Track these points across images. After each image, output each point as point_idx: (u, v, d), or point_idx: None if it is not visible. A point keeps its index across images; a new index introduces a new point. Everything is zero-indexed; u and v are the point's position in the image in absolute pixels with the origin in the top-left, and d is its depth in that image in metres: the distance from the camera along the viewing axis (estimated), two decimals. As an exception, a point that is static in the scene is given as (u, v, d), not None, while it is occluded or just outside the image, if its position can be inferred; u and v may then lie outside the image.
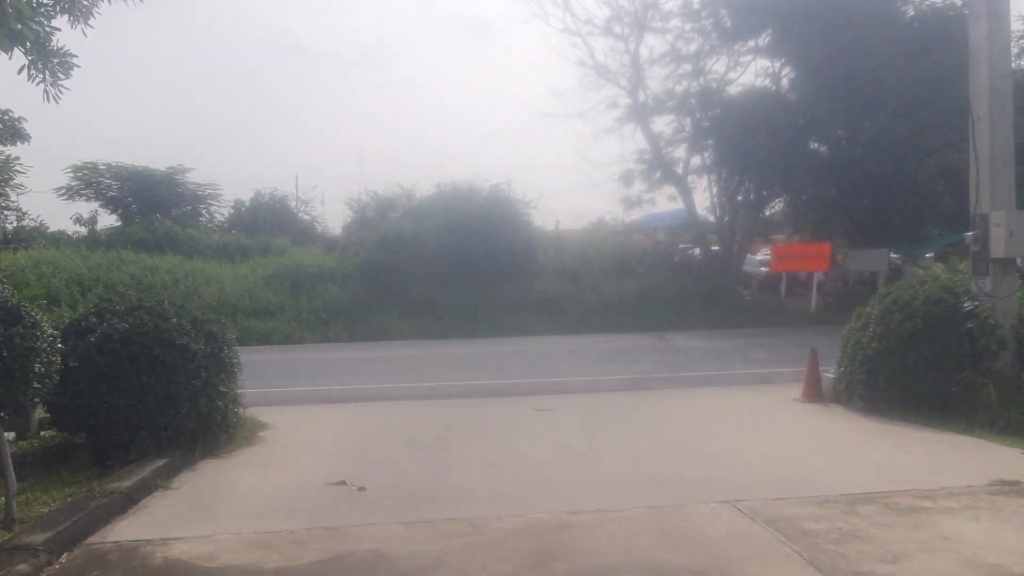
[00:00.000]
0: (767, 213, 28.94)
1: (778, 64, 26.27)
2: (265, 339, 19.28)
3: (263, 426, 8.59)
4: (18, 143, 28.53)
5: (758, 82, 27.88)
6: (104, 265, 22.14)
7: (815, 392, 9.37)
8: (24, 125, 28.70)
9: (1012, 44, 28.28)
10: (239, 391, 8.10)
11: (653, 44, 27.67)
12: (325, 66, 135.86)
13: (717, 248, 28.08)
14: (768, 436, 7.85)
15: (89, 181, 28.98)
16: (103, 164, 29.14)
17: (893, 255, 26.18)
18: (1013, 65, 27.59)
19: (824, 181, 24.46)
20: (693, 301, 23.48)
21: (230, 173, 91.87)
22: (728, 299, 24.24)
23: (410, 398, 11.26)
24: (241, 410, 8.33)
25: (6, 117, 28.44)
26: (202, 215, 31.11)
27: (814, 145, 26.87)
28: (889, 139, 23.14)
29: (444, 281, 22.59)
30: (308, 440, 8.11)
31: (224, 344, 7.64)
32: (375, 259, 22.62)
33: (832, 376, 9.29)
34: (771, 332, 20.35)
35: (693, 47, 27.20)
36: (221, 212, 31.24)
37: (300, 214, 32.08)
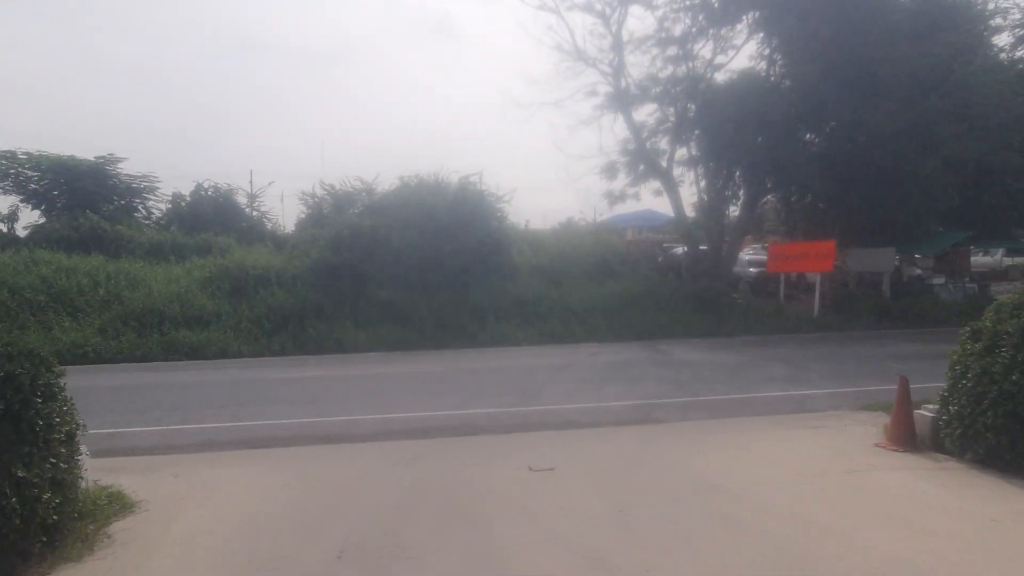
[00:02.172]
0: (758, 210, 26.81)
1: (769, 49, 24.18)
2: (196, 352, 16.46)
3: (128, 507, 5.85)
4: None
5: (748, 68, 25.87)
6: (11, 266, 19.04)
7: (906, 436, 6.97)
8: None
9: (1009, 33, 26.94)
10: (81, 460, 5.32)
11: (635, 28, 25.65)
12: (285, 63, 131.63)
13: (705, 247, 25.87)
14: (891, 525, 5.23)
15: (7, 172, 25.65)
16: (23, 153, 25.83)
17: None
18: (1015, 55, 26.35)
19: (820, 175, 22.36)
20: (683, 305, 21.23)
21: (181, 171, 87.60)
22: (720, 303, 22.04)
23: (359, 438, 8.70)
24: (87, 483, 5.66)
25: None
26: (137, 210, 27.94)
27: (809, 136, 24.89)
28: (890, 129, 21.17)
29: (407, 284, 19.97)
30: (185, 539, 5.25)
31: (37, 397, 4.86)
32: (329, 259, 19.88)
33: (930, 415, 6.91)
34: (776, 341, 18.17)
35: (679, 29, 25.00)
36: (159, 207, 28.13)
37: (248, 210, 29.05)
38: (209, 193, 27.45)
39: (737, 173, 26.38)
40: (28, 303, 17.74)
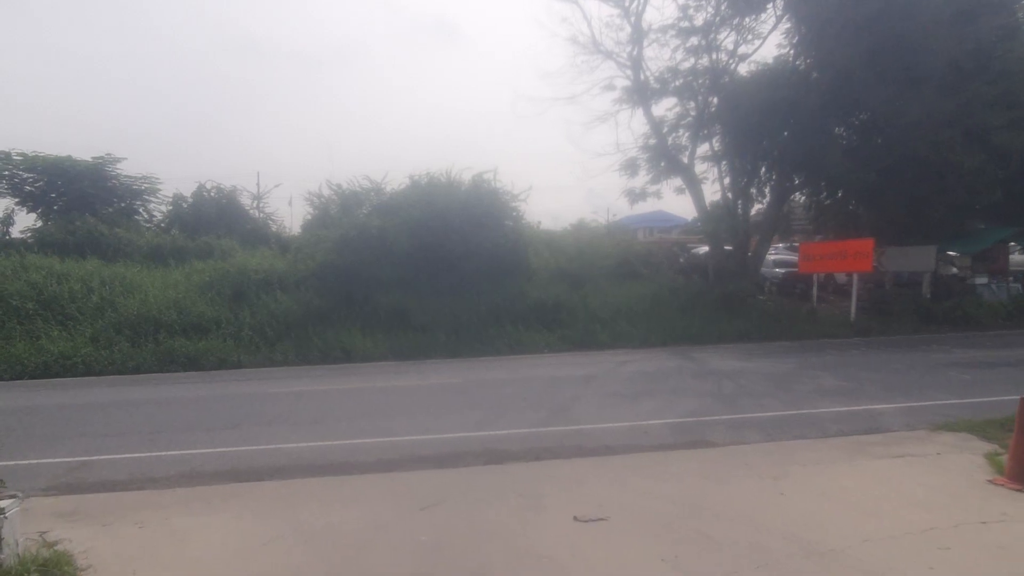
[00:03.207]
0: (786, 207, 25.47)
1: (799, 35, 22.82)
2: (193, 363, 15.33)
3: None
4: None
5: (774, 58, 24.59)
6: (0, 272, 17.97)
7: (1031, 471, 5.72)
8: None
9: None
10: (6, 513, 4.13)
11: (653, 19, 24.44)
12: (292, 68, 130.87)
13: (729, 247, 24.55)
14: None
15: (0, 174, 24.62)
16: (18, 154, 24.80)
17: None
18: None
19: (855, 169, 21.02)
20: (710, 308, 19.96)
21: (188, 175, 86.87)
22: (749, 305, 20.77)
23: (366, 467, 7.50)
24: (16, 544, 4.47)
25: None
26: (138, 213, 26.87)
27: (841, 128, 23.56)
28: (930, 119, 19.87)
29: (418, 288, 18.79)
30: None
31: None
32: (335, 262, 18.72)
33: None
34: (815, 347, 16.89)
35: (701, 18, 23.73)
36: (161, 209, 27.02)
37: (253, 211, 27.92)
38: (212, 194, 26.32)
39: (763, 169, 25.13)
40: (15, 311, 16.65)
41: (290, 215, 75.21)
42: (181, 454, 8.18)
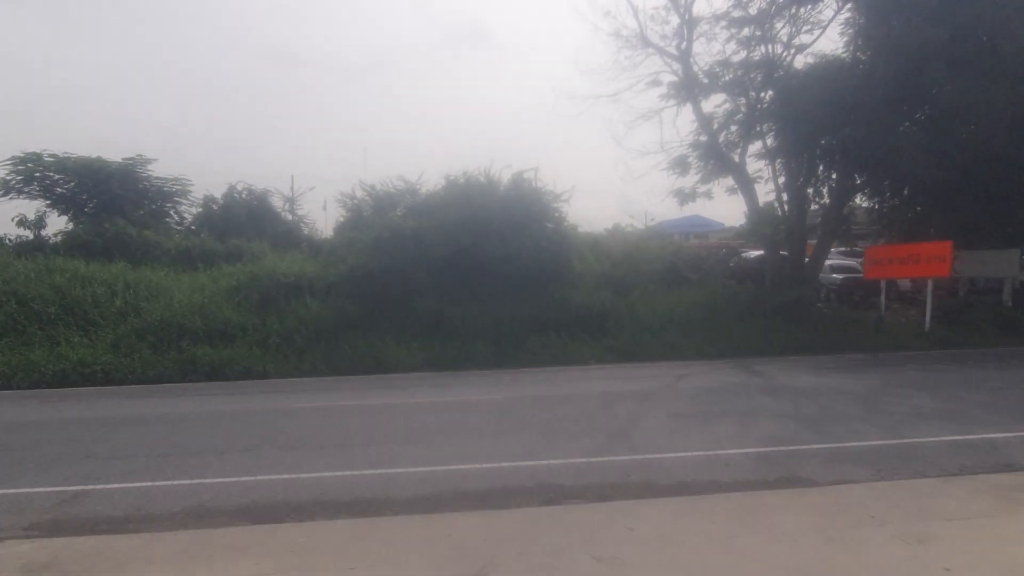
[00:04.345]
0: (846, 209, 23.80)
1: (866, 20, 21.17)
2: (217, 372, 14.39)
3: None
4: None
5: (833, 49, 23.07)
6: (23, 276, 17.29)
7: None
8: None
9: None
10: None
11: (701, 10, 23.00)
12: (325, 76, 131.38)
13: (785, 252, 22.99)
14: None
15: (32, 175, 24.16)
16: (49, 155, 24.31)
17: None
18: None
19: (926, 167, 19.37)
20: (768, 317, 18.47)
21: (221, 179, 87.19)
22: (810, 314, 19.25)
23: (399, 506, 6.35)
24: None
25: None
26: (169, 215, 26.26)
27: (908, 124, 21.86)
28: (1009, 113, 18.20)
29: (455, 293, 17.68)
30: None
31: None
32: (368, 266, 17.67)
33: None
34: (892, 360, 15.38)
35: (755, 7, 22.27)
36: (191, 212, 26.39)
37: (284, 213, 27.11)
38: (243, 196, 25.58)
39: (820, 168, 23.56)
40: (37, 315, 15.92)
41: (324, 219, 74.82)
42: (190, 484, 7.11)
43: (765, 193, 23.86)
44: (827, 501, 6.10)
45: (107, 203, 24.49)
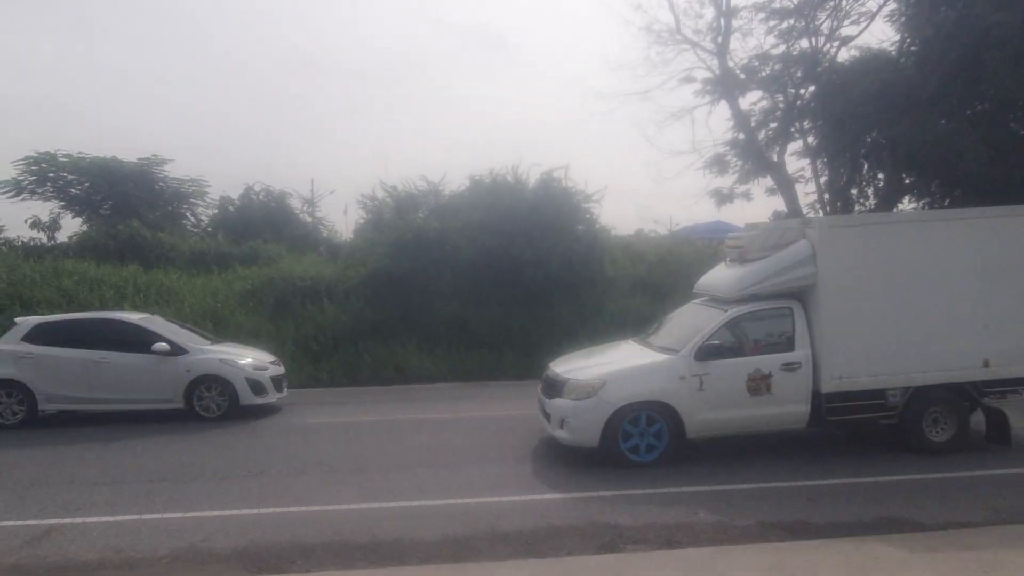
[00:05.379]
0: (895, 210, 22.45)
1: (910, 12, 19.88)
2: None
3: None
4: None
5: (878, 42, 21.79)
6: (30, 279, 16.53)
7: None
8: None
9: None
10: None
11: (737, 2, 21.75)
12: (346, 81, 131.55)
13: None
14: None
15: (46, 176, 23.55)
16: (63, 155, 23.69)
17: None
18: None
19: (982, 165, 18.00)
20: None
21: (238, 183, 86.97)
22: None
23: (423, 549, 5.32)
24: None
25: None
26: (185, 217, 25.54)
27: (961, 119, 20.49)
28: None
29: (482, 299, 16.63)
30: None
31: None
32: (389, 269, 16.67)
33: None
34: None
35: (797, -3, 21.07)
36: (208, 213, 25.64)
37: (303, 215, 26.25)
38: (260, 196, 24.76)
39: (865, 167, 22.28)
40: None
41: (344, 223, 74.26)
42: (181, 519, 6.11)
43: (805, 194, 22.62)
44: (953, 555, 4.95)
45: (122, 204, 23.82)
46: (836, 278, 7.62)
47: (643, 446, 7.40)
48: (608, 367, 7.82)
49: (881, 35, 24.25)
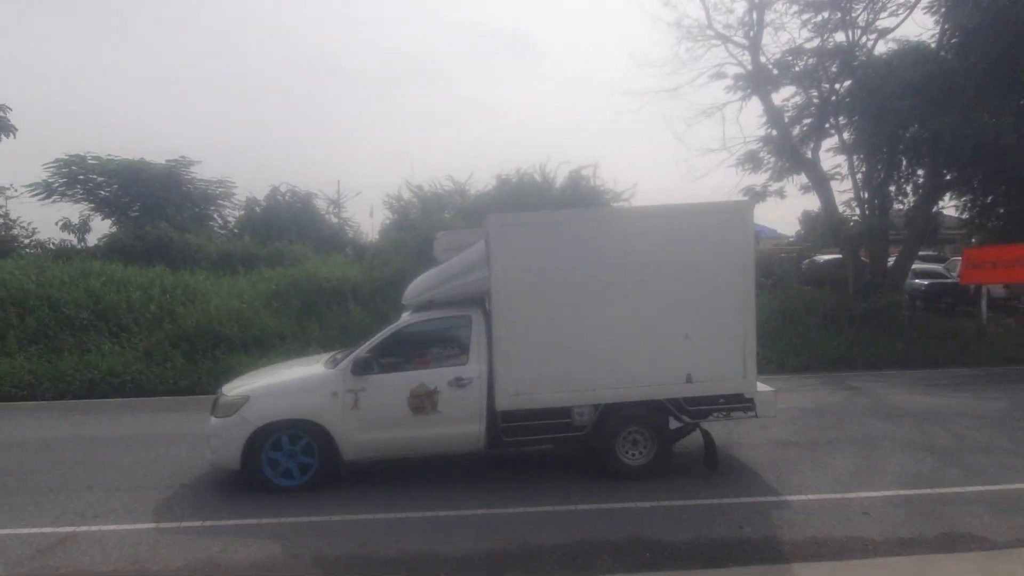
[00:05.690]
0: (935, 208, 21.72)
1: (950, 3, 19.16)
2: (253, 384, 13.26)
3: None
4: (2, 137, 24.28)
5: (917, 33, 21.07)
6: (59, 280, 16.55)
7: None
8: (8, 115, 24.51)
9: None
10: None
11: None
12: (371, 83, 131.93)
13: (866, 258, 21.02)
14: None
15: (75, 177, 23.73)
16: (92, 157, 23.86)
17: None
18: None
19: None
20: (853, 326, 16.60)
21: (267, 185, 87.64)
22: (899, 323, 17.27)
23: (451, 567, 4.96)
24: None
25: (-15, 105, 23.90)
26: (212, 218, 25.61)
27: (1007, 113, 19.71)
28: None
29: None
30: None
31: None
32: (415, 270, 16.36)
33: None
34: (1008, 376, 13.52)
35: (834, -12, 20.42)
36: (234, 215, 25.70)
37: (328, 216, 26.20)
38: (286, 198, 24.74)
39: (903, 163, 21.55)
40: (69, 321, 15.08)
41: (370, 225, 74.48)
42: (201, 527, 5.86)
43: (840, 192, 21.96)
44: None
45: (150, 206, 23.95)
46: (511, 283, 6.67)
47: (295, 469, 6.71)
48: (261, 382, 7.17)
49: (920, 26, 23.31)
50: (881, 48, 20.88)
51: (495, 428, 6.80)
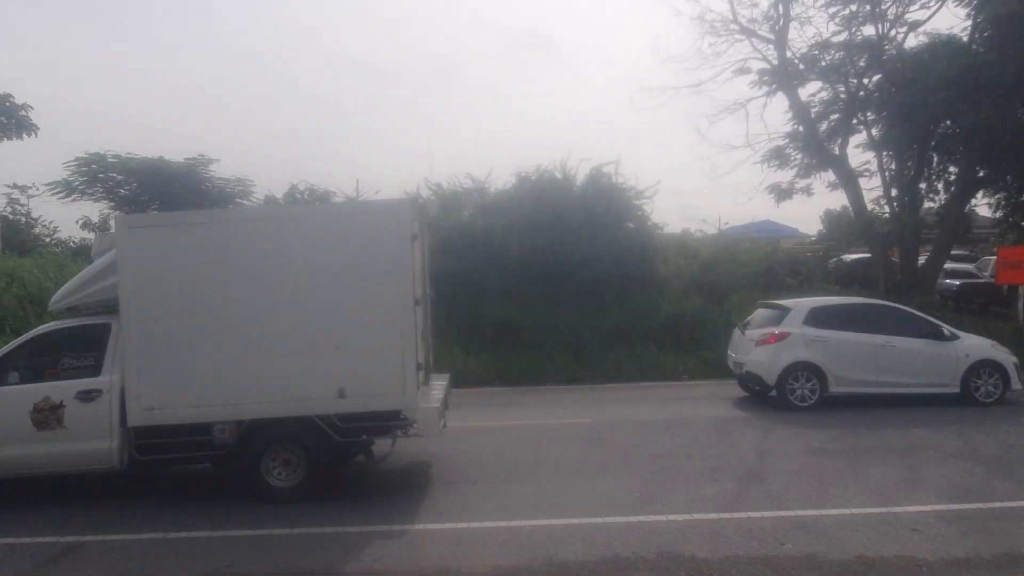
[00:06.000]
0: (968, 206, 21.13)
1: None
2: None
3: None
4: (24, 136, 24.38)
5: (948, 26, 20.42)
6: (67, 279, 16.49)
7: None
8: (30, 114, 24.62)
9: None
10: None
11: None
12: (390, 81, 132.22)
13: (896, 259, 20.49)
14: None
15: (95, 176, 23.73)
16: (112, 156, 23.83)
17: None
18: None
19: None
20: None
21: (286, 182, 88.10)
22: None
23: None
24: None
25: (8, 104, 24.03)
26: (231, 217, 25.50)
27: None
28: None
29: (530, 299, 15.99)
30: None
31: None
32: (433, 269, 16.14)
33: None
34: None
35: (863, -19, 19.89)
36: (253, 213, 25.54)
37: (347, 215, 26.00)
38: (304, 196, 24.55)
39: (935, 160, 20.97)
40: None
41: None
42: (208, 538, 5.61)
43: (868, 189, 21.43)
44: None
45: (169, 204, 23.82)
46: (141, 289, 6.22)
47: None
48: None
49: (954, 17, 22.67)
50: (912, 42, 20.37)
51: (130, 445, 6.37)
